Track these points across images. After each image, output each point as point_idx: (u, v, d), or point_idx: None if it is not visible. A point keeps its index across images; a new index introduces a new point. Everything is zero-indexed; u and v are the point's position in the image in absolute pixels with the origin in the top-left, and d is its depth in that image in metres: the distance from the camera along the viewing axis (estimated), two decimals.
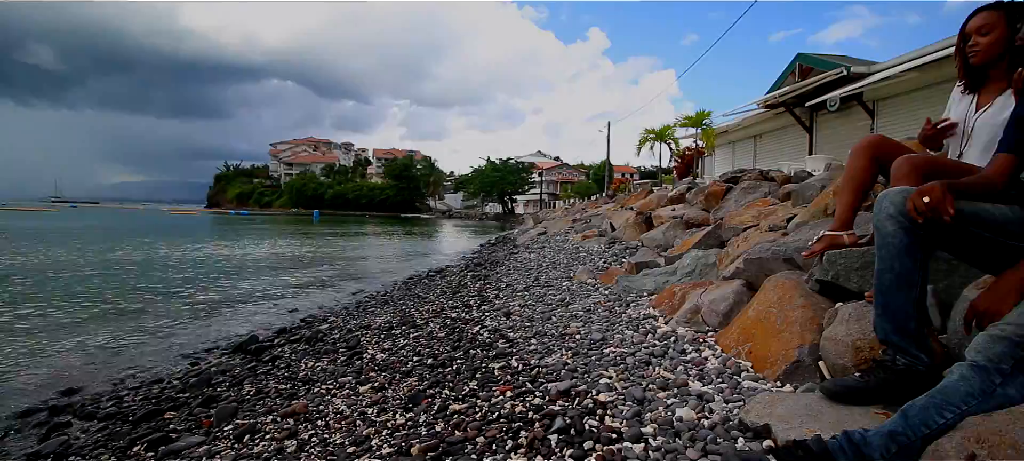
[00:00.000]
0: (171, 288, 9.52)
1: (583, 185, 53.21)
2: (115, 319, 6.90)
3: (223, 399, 3.65)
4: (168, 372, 4.81)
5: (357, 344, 4.55)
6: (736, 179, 7.78)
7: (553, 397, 2.26)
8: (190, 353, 5.43)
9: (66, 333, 6.12)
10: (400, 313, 5.99)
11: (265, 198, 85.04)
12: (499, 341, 3.54)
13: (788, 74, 15.18)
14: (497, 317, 4.42)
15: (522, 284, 6.09)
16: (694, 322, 3.04)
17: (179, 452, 2.78)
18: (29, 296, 8.41)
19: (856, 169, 2.20)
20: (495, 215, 63.77)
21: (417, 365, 3.44)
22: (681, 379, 2.22)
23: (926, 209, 1.44)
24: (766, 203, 5.66)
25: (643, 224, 8.31)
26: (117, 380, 4.61)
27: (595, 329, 3.30)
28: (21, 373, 4.70)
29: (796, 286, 2.45)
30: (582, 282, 5.32)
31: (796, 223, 3.82)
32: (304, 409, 2.99)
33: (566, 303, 4.40)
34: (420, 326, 4.87)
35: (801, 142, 15.11)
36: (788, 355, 2.11)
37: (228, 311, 7.64)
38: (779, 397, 1.79)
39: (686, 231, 6.63)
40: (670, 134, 23.26)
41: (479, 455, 1.89)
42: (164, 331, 6.32)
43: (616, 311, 3.74)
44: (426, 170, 78.97)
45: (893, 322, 1.61)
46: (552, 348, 3.09)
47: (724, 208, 6.74)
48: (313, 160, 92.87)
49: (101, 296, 8.51)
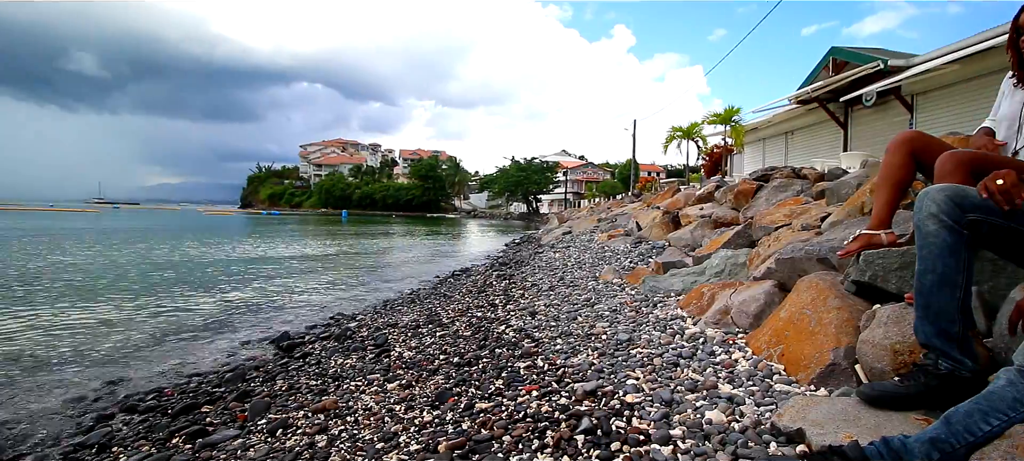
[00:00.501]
0: (208, 286, 9.85)
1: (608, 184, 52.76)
2: (155, 315, 7.17)
3: (257, 394, 3.76)
4: (205, 367, 4.98)
5: (385, 342, 4.62)
6: (767, 177, 7.59)
7: (579, 397, 2.26)
8: (225, 348, 5.61)
9: (109, 328, 6.39)
10: (426, 312, 6.06)
11: (296, 199, 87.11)
12: (525, 340, 3.54)
13: (821, 68, 14.74)
14: (523, 316, 4.43)
15: (547, 284, 6.08)
16: (723, 323, 2.99)
17: (215, 445, 2.87)
18: (77, 293, 8.82)
19: (893, 166, 2.12)
20: (520, 215, 63.79)
21: (443, 363, 3.48)
22: (710, 381, 2.18)
23: (998, 191, 1.39)
24: (798, 201, 5.51)
25: (670, 223, 8.20)
26: (157, 373, 4.79)
27: (621, 329, 3.28)
28: (68, 367, 4.94)
29: (831, 287, 2.38)
30: (608, 282, 5.28)
31: (830, 222, 3.71)
32: (334, 405, 3.05)
33: (592, 303, 4.38)
34: (446, 325, 4.92)
35: (835, 139, 14.66)
36: (822, 358, 2.05)
37: (261, 308, 7.86)
38: (813, 401, 1.75)
39: (714, 230, 6.51)
40: (697, 132, 22.87)
41: (506, 454, 1.90)
42: (201, 327, 6.54)
43: (643, 311, 3.70)
44: (451, 170, 79.53)
45: (935, 325, 1.55)
46: (578, 348, 3.07)
47: (754, 207, 6.59)
48: (341, 161, 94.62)
49: (143, 293, 8.86)
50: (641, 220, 9.99)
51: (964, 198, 1.54)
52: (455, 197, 79.48)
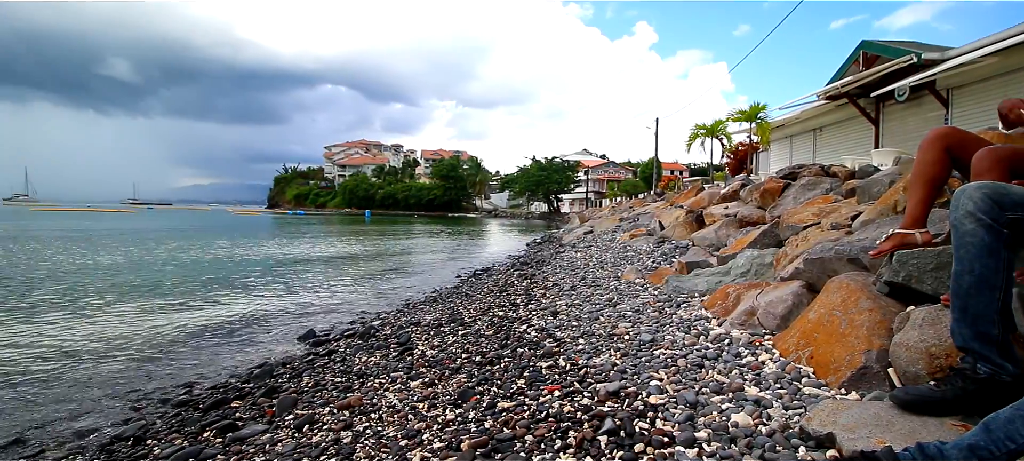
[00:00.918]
0: (237, 285, 10.10)
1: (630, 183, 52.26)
2: (187, 312, 7.39)
3: (284, 390, 3.85)
4: (234, 363, 5.12)
5: (408, 340, 4.67)
6: (794, 175, 7.42)
7: (602, 398, 2.25)
8: (253, 345, 5.75)
9: (144, 325, 6.61)
10: (448, 311, 6.11)
11: (320, 199, 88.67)
12: (546, 340, 3.54)
13: (851, 63, 14.32)
14: (544, 316, 4.43)
15: (569, 283, 6.06)
16: (749, 324, 2.93)
17: (245, 439, 2.95)
18: (114, 291, 9.15)
19: (927, 163, 2.05)
20: (541, 214, 63.71)
21: (466, 362, 3.50)
22: (736, 383, 2.15)
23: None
24: (828, 200, 5.38)
25: (694, 223, 8.09)
26: (188, 369, 4.94)
27: (644, 330, 3.25)
28: (105, 361, 5.13)
29: (862, 288, 2.32)
30: (630, 282, 5.24)
31: (862, 221, 3.61)
32: (359, 402, 3.10)
33: (614, 303, 4.35)
34: (468, 324, 4.94)
35: (866, 135, 14.24)
36: (854, 361, 2.00)
37: (288, 306, 8.03)
38: (844, 405, 1.71)
39: (740, 230, 6.40)
40: (722, 129, 22.48)
41: (528, 453, 1.90)
42: (230, 324, 6.72)
43: (666, 312, 3.66)
44: (472, 170, 79.90)
45: (973, 327, 1.49)
46: (600, 348, 3.06)
47: (781, 206, 6.45)
48: (365, 162, 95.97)
49: (175, 292, 9.14)
50: (664, 219, 9.88)
51: (1004, 196, 1.48)
52: (476, 197, 79.80)
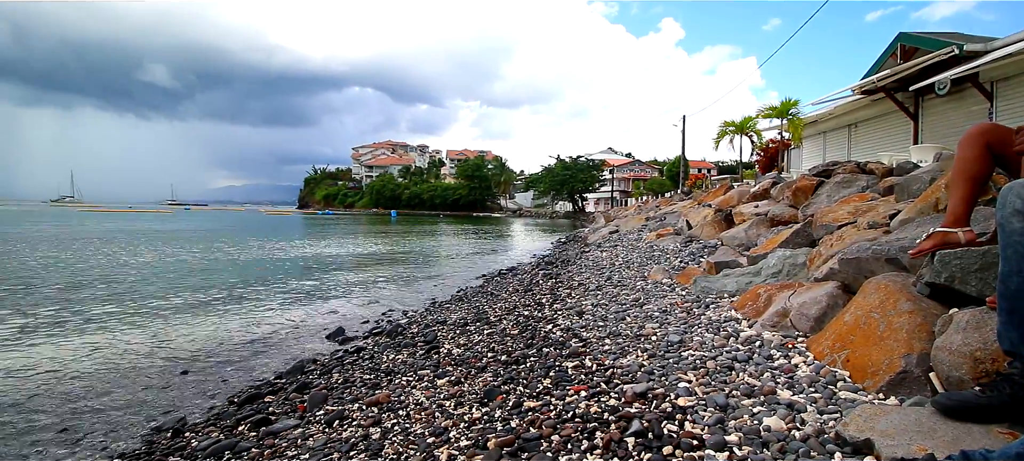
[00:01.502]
0: (269, 282, 10.38)
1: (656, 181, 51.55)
2: (223, 308, 7.63)
3: (315, 386, 3.94)
4: (266, 358, 5.26)
5: (434, 339, 4.72)
6: (828, 172, 7.20)
7: (629, 399, 2.23)
8: (284, 342, 5.90)
9: (180, 321, 6.85)
10: (474, 310, 6.15)
11: (349, 199, 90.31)
12: (572, 340, 3.53)
13: (888, 56, 13.80)
14: (570, 316, 4.41)
15: (594, 283, 6.03)
16: (782, 326, 2.86)
17: (277, 433, 3.03)
18: (155, 289, 9.51)
19: (967, 160, 1.97)
20: (565, 213, 63.44)
21: (492, 361, 3.51)
22: (768, 386, 2.10)
23: None
24: (864, 198, 5.20)
25: (722, 222, 7.94)
26: (223, 362, 5.10)
27: (672, 331, 3.20)
28: (146, 357, 5.33)
29: (901, 289, 2.24)
30: (657, 282, 5.18)
31: (900, 220, 3.48)
32: (387, 399, 3.15)
33: (641, 303, 4.31)
34: (494, 323, 4.97)
35: (904, 131, 13.70)
36: (893, 365, 1.93)
37: (318, 304, 8.21)
38: (882, 410, 1.65)
39: (771, 229, 6.25)
40: (752, 126, 21.96)
41: (554, 453, 1.90)
42: (262, 320, 6.90)
43: (694, 313, 3.61)
44: (497, 170, 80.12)
45: (1021, 330, 1.43)
46: (627, 349, 3.03)
47: (814, 204, 6.27)
48: (391, 162, 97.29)
49: (213, 289, 9.44)
50: (691, 218, 9.73)
51: None
52: (501, 196, 79.99)
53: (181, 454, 2.99)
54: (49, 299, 8.21)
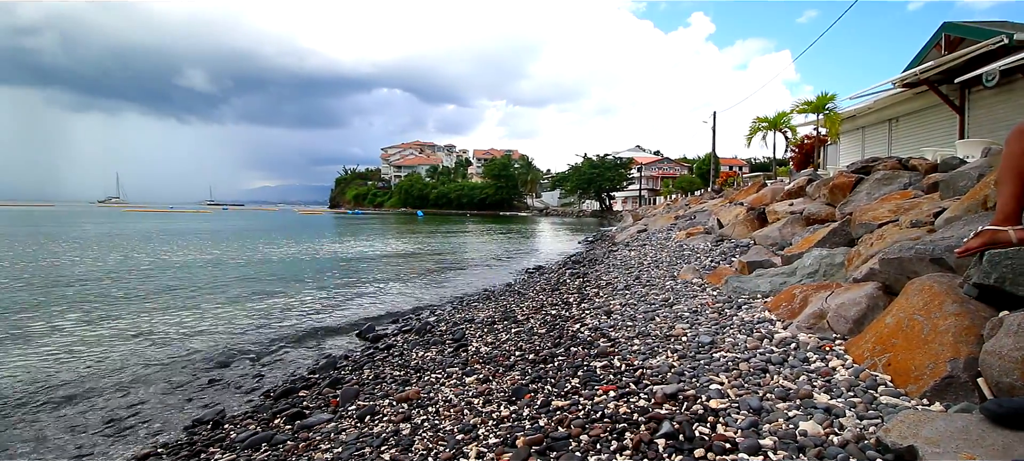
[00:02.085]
0: (303, 280, 10.65)
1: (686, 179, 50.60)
2: (259, 304, 7.86)
3: (347, 382, 4.02)
4: (300, 353, 5.40)
5: (462, 337, 4.76)
6: (868, 169, 6.94)
7: (659, 400, 2.20)
8: (317, 338, 6.04)
9: (222, 316, 7.09)
10: (501, 308, 6.17)
11: (378, 199, 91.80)
12: (600, 340, 3.51)
13: (932, 47, 13.20)
14: (598, 315, 4.39)
15: (622, 283, 5.97)
16: (818, 328, 2.78)
17: (311, 427, 3.11)
18: (198, 285, 9.88)
19: (1016, 155, 1.87)
20: (592, 212, 62.96)
21: (519, 360, 3.52)
22: (804, 390, 2.04)
23: None
24: (906, 195, 5.00)
25: (755, 220, 7.76)
26: (258, 357, 5.26)
27: (703, 332, 3.15)
28: (184, 350, 5.54)
29: (947, 290, 2.14)
30: (687, 282, 5.09)
31: (946, 218, 3.34)
32: (416, 395, 3.20)
33: (670, 303, 4.25)
34: (521, 322, 4.98)
35: (949, 125, 13.08)
36: (938, 369, 1.86)
37: (348, 300, 8.38)
38: (927, 417, 1.59)
39: (806, 228, 6.08)
40: (786, 122, 21.31)
41: (583, 453, 1.90)
42: (296, 317, 7.08)
43: (726, 313, 3.54)
44: (523, 169, 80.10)
45: None
46: (656, 349, 3.00)
47: (853, 202, 6.07)
48: (419, 162, 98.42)
49: (249, 285, 9.75)
50: (723, 217, 9.54)
51: None
52: (527, 195, 79.95)
53: (221, 445, 3.10)
54: (97, 295, 8.61)
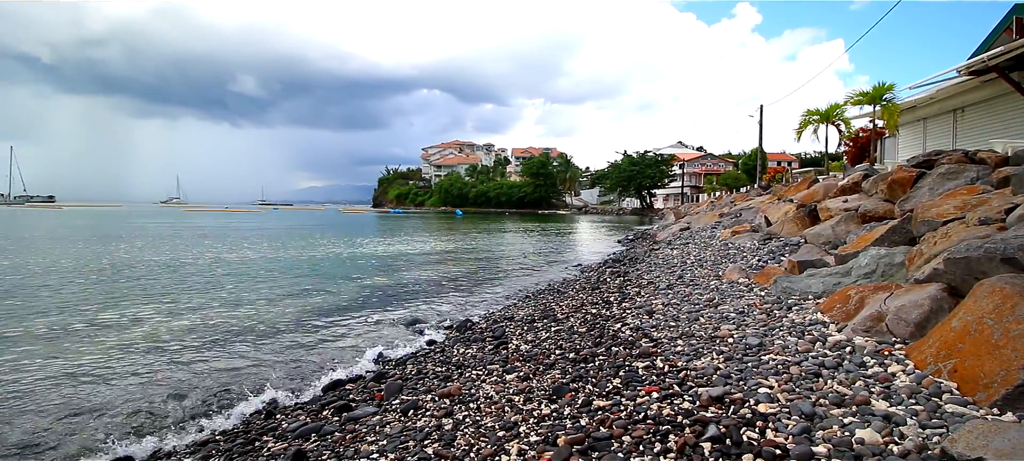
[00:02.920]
0: (348, 276, 10.97)
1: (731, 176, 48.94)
2: (306, 300, 8.15)
3: (391, 376, 4.13)
4: (345, 346, 5.56)
5: (502, 334, 4.79)
6: (930, 163, 6.53)
7: (704, 402, 2.16)
8: (362, 331, 6.21)
9: (273, 311, 7.40)
10: (541, 307, 6.17)
11: (419, 198, 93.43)
12: (642, 340, 3.46)
13: (1002, 31, 12.29)
14: (639, 315, 4.32)
15: (665, 282, 5.86)
16: (876, 331, 2.65)
17: (358, 419, 3.21)
18: (254, 280, 10.35)
19: None
20: (632, 210, 61.95)
21: (560, 358, 3.52)
22: (861, 396, 1.95)
23: None
24: (973, 191, 4.68)
25: (806, 218, 7.44)
26: (308, 350, 5.46)
27: (750, 333, 3.06)
28: (242, 344, 5.81)
29: (1021, 292, 2.00)
30: (733, 281, 4.95)
31: (1019, 215, 3.11)
32: (458, 391, 3.24)
33: (715, 304, 4.14)
34: (561, 320, 4.97)
35: (1021, 115, 12.15)
36: (1010, 377, 1.74)
37: (390, 296, 8.57)
38: (998, 427, 1.49)
39: (862, 226, 5.79)
40: (839, 114, 20.28)
41: (626, 454, 1.88)
42: (342, 311, 7.31)
43: (775, 315, 3.42)
44: (562, 167, 79.61)
45: None
46: (701, 350, 2.93)
47: (913, 198, 5.73)
48: (458, 161, 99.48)
49: (298, 281, 10.13)
50: (770, 214, 9.20)
51: None
52: (566, 193, 79.43)
53: (273, 434, 3.25)
54: (162, 288, 9.15)
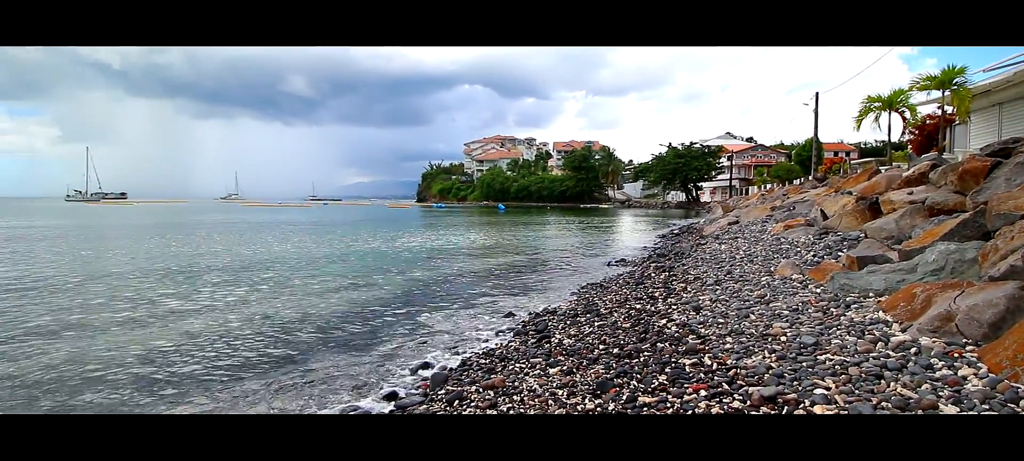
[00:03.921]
0: (392, 268, 11.27)
1: (783, 167, 46.80)
2: (354, 293, 8.44)
3: (436, 366, 4.22)
4: (392, 335, 5.72)
5: (545, 328, 4.80)
6: (1007, 151, 6.03)
7: (755, 402, 2.10)
8: (406, 322, 6.36)
9: (327, 302, 7.70)
10: (584, 301, 6.13)
11: (461, 193, 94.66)
12: (689, 336, 3.39)
13: None
14: (685, 311, 4.23)
15: (712, 277, 5.70)
16: (945, 332, 2.49)
17: (405, 408, 3.31)
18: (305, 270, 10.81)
19: None
20: (677, 204, 60.44)
21: (603, 353, 3.50)
22: (927, 400, 1.84)
23: None
24: None
25: (866, 211, 7.06)
26: (353, 334, 5.65)
27: (805, 331, 2.94)
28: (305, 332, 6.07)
29: None
30: (786, 277, 4.76)
31: None
32: (502, 384, 3.28)
33: (767, 300, 3.99)
34: (604, 315, 4.92)
35: None
36: None
37: (435, 287, 8.74)
38: None
39: (929, 219, 5.44)
40: (903, 100, 19.02)
41: None
42: (388, 302, 7.51)
43: (832, 313, 3.27)
44: (604, 160, 78.57)
45: None
46: (752, 349, 2.84)
47: (988, 189, 5.31)
48: (500, 156, 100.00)
49: (348, 273, 10.49)
50: (827, 208, 8.76)
51: None
52: (609, 187, 78.37)
53: None
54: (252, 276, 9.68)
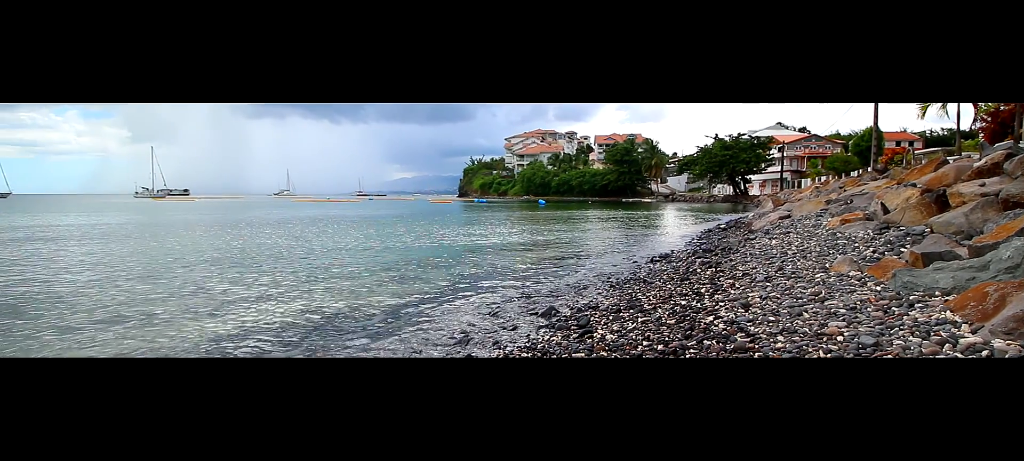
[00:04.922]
0: (433, 264, 11.48)
1: (839, 158, 44.45)
2: (396, 286, 8.66)
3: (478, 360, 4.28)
4: (435, 329, 5.84)
5: (587, 323, 4.78)
6: None
7: None
8: (450, 317, 6.48)
9: (368, 299, 7.94)
10: (626, 296, 6.07)
11: (502, 187, 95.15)
12: (737, 334, 3.30)
13: None
14: (734, 308, 4.12)
15: (762, 274, 5.51)
16: (1020, 334, 2.32)
17: None
18: (355, 264, 11.18)
19: None
20: (725, 197, 58.49)
21: (647, 349, 3.45)
22: None
23: None
24: None
25: (932, 204, 6.65)
26: (399, 329, 5.80)
27: (864, 332, 2.80)
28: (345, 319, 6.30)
29: None
30: (843, 274, 4.54)
31: None
32: None
33: (822, 298, 3.83)
34: (648, 311, 4.86)
35: None
36: None
37: (475, 282, 8.85)
38: None
39: (1003, 213, 5.08)
40: None
41: None
42: (431, 297, 7.67)
43: (894, 312, 3.10)
44: (647, 153, 76.97)
45: None
46: (805, 349, 2.74)
47: None
48: (541, 151, 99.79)
49: (395, 265, 10.78)
50: (888, 201, 8.29)
51: None
52: (652, 181, 76.79)
53: None
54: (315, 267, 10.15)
